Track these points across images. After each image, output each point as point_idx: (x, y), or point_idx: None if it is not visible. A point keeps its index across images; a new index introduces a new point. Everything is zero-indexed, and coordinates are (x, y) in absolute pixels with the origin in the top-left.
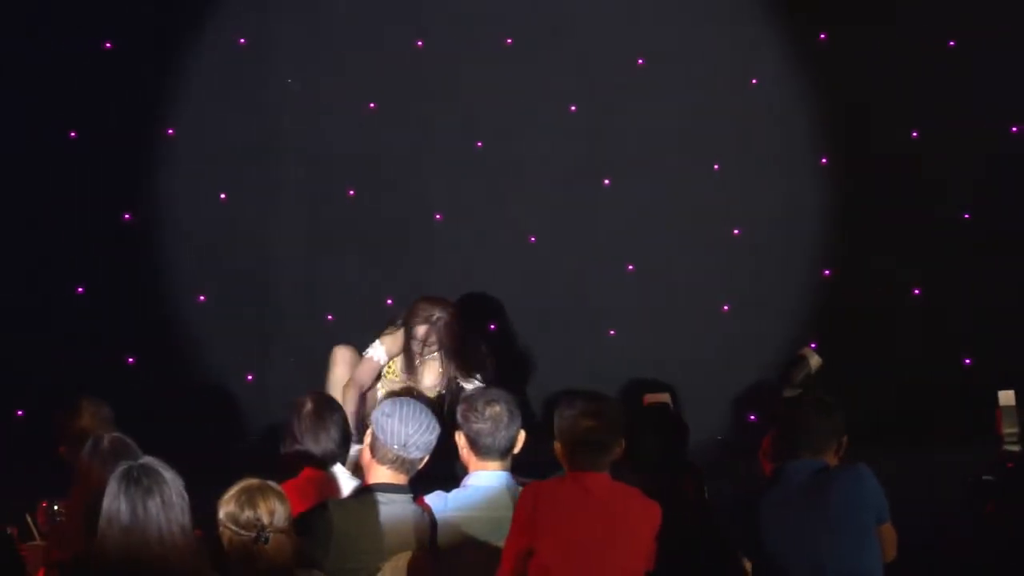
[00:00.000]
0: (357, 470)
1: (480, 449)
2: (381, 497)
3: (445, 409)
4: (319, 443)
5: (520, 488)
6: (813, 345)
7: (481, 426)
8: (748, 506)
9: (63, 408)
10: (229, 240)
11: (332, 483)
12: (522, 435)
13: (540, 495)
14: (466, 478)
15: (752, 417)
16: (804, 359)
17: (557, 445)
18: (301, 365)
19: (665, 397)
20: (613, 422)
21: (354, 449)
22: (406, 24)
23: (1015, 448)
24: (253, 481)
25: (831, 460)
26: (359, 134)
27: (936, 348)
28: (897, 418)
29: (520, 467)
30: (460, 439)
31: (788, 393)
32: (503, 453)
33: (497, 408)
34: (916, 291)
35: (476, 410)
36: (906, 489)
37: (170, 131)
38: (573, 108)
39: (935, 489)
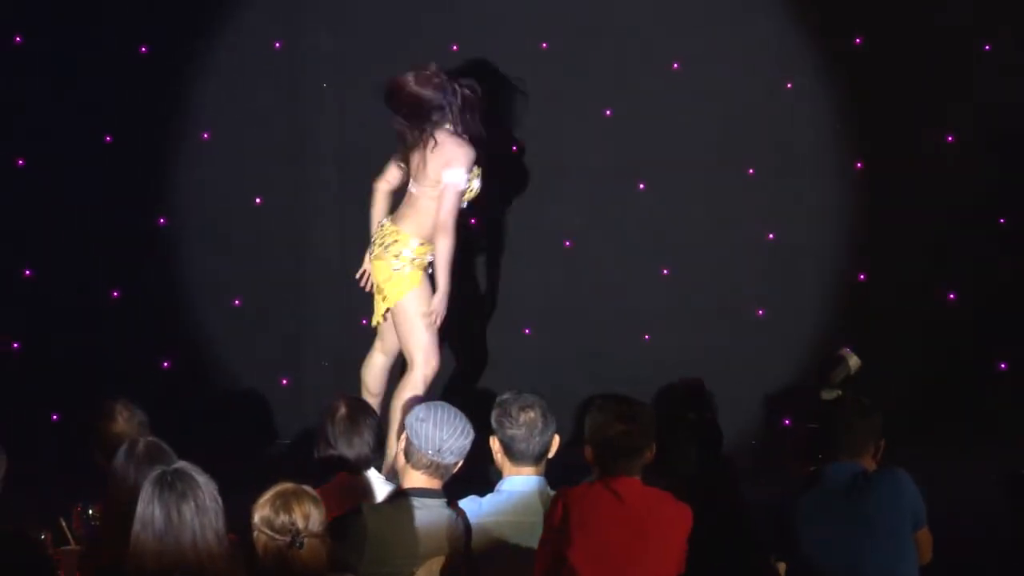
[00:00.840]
0: None
1: (514, 455)
2: (415, 502)
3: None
4: (353, 447)
5: (552, 492)
6: (849, 348)
7: (515, 432)
8: (784, 509)
9: (98, 412)
10: (264, 244)
11: (366, 487)
12: (556, 440)
13: (571, 501)
14: (500, 483)
15: (786, 421)
16: (843, 360)
17: (588, 449)
18: (335, 369)
19: (699, 380)
20: (645, 426)
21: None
22: (441, 28)
23: None
24: (288, 485)
25: (868, 463)
26: (394, 138)
27: (971, 352)
28: (932, 421)
29: (553, 471)
30: (494, 444)
31: (826, 395)
32: (537, 459)
33: (532, 414)
34: (951, 295)
35: (510, 416)
36: (941, 492)
37: (205, 135)
38: (608, 112)
39: (970, 492)
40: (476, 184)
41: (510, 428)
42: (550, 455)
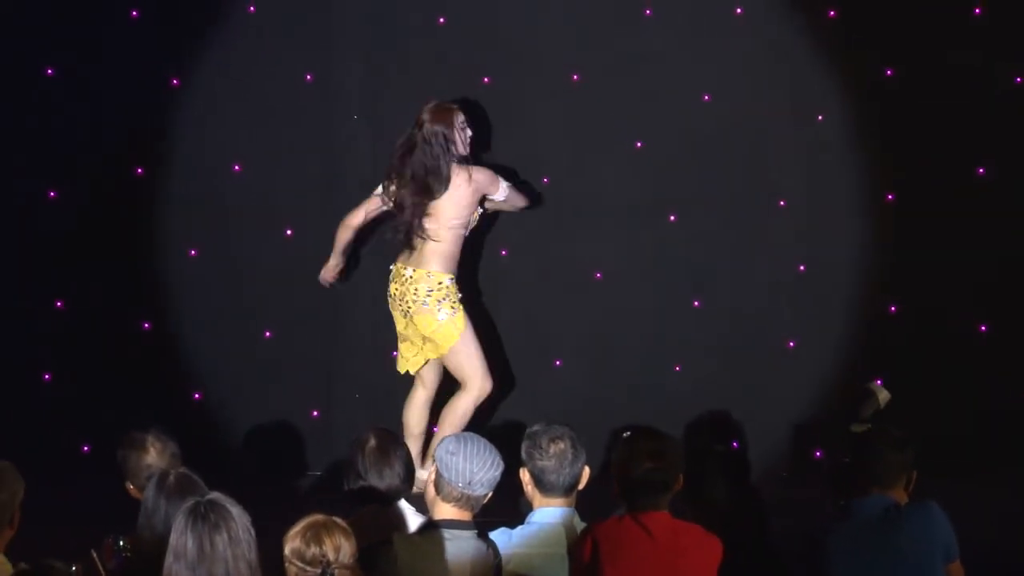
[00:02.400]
0: None
1: (544, 486)
2: (446, 533)
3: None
4: (383, 478)
5: (582, 524)
6: (879, 381)
7: (546, 464)
8: (816, 542)
9: (130, 444)
10: (295, 276)
11: (397, 518)
12: (586, 472)
13: (600, 536)
14: (530, 514)
15: (817, 453)
16: (872, 394)
17: (615, 485)
18: (366, 401)
19: (725, 412)
20: (672, 461)
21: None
22: (473, 61)
23: None
24: (319, 517)
25: (900, 495)
26: None
27: (1002, 384)
28: (962, 454)
29: (583, 503)
30: (524, 476)
31: (856, 428)
32: (567, 490)
33: (562, 445)
34: (982, 327)
35: (540, 447)
36: (972, 524)
37: (236, 167)
38: (639, 144)
39: (1001, 524)
40: None
41: (540, 460)
42: (580, 487)
